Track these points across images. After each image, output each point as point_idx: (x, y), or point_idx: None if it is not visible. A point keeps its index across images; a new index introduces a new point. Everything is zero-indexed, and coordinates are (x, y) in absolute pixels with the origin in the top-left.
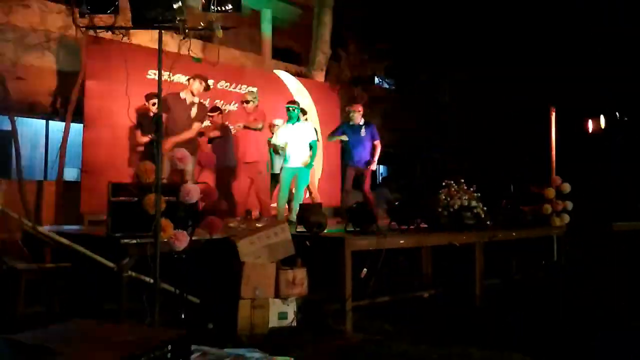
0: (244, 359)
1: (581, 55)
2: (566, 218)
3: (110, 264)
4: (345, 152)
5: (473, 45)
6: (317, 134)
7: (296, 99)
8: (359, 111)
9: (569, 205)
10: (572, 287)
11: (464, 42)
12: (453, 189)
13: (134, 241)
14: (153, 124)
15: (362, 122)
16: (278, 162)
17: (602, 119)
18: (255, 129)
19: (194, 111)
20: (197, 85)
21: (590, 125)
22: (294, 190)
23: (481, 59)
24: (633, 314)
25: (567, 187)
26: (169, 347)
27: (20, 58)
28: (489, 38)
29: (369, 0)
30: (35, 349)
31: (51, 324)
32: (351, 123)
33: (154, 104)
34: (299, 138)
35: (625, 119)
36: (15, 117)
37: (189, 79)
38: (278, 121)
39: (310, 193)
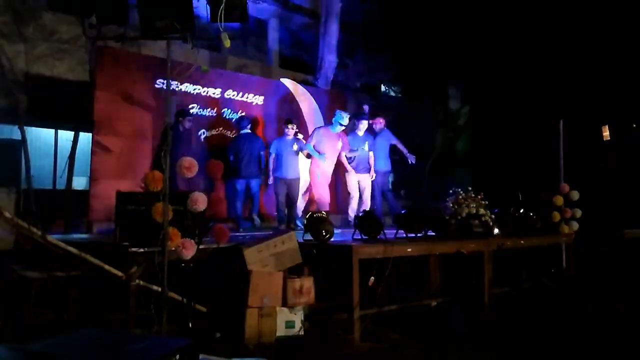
0: None
1: (591, 61)
2: (575, 226)
3: (119, 273)
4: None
5: (481, 51)
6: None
7: (302, 107)
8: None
9: (578, 212)
10: (582, 295)
11: (472, 48)
12: (461, 197)
13: (142, 250)
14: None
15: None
16: None
17: (609, 127)
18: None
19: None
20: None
21: (601, 132)
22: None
23: (490, 66)
24: None
25: (575, 195)
26: (177, 356)
27: (31, 68)
28: (498, 44)
29: (377, 9)
30: (45, 358)
31: (61, 333)
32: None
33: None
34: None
35: (634, 125)
36: (25, 127)
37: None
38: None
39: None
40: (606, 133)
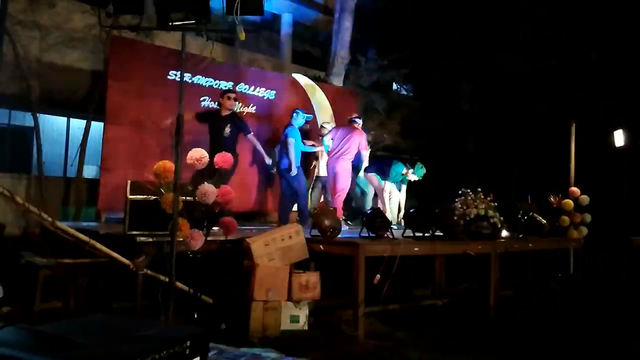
0: (260, 358)
1: (606, 66)
2: (584, 231)
3: (127, 262)
4: None
5: (495, 52)
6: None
7: (313, 103)
8: None
9: (588, 217)
10: (589, 300)
11: (485, 49)
12: (470, 198)
13: (151, 239)
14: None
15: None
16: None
17: (622, 132)
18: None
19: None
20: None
21: (613, 138)
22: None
23: (503, 67)
24: None
25: (585, 200)
26: (188, 342)
27: (44, 56)
28: (512, 45)
29: (390, 7)
30: (58, 340)
31: (69, 319)
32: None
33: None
34: None
35: None
36: (38, 114)
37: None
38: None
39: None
40: (618, 139)
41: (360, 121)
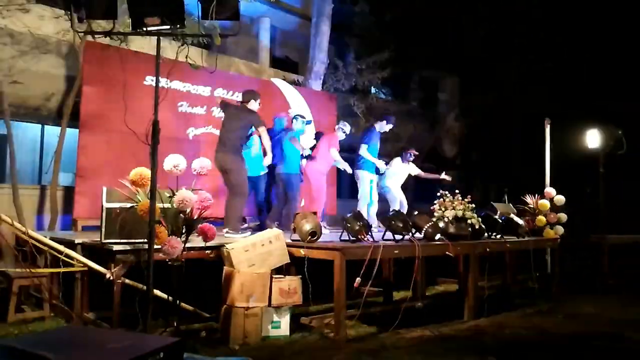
0: None
1: (582, 66)
2: (560, 230)
3: (104, 270)
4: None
5: (472, 51)
6: None
7: (292, 107)
8: None
9: (563, 217)
10: (566, 298)
11: (463, 48)
12: (448, 200)
13: (128, 248)
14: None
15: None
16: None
17: (598, 132)
18: None
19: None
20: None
21: (587, 138)
22: None
23: (480, 67)
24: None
25: (561, 200)
26: (162, 354)
27: (17, 62)
28: (489, 47)
29: (367, 12)
30: (26, 355)
31: (43, 330)
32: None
33: None
34: None
35: (620, 132)
36: (11, 121)
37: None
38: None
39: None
40: (591, 139)
41: (344, 126)
